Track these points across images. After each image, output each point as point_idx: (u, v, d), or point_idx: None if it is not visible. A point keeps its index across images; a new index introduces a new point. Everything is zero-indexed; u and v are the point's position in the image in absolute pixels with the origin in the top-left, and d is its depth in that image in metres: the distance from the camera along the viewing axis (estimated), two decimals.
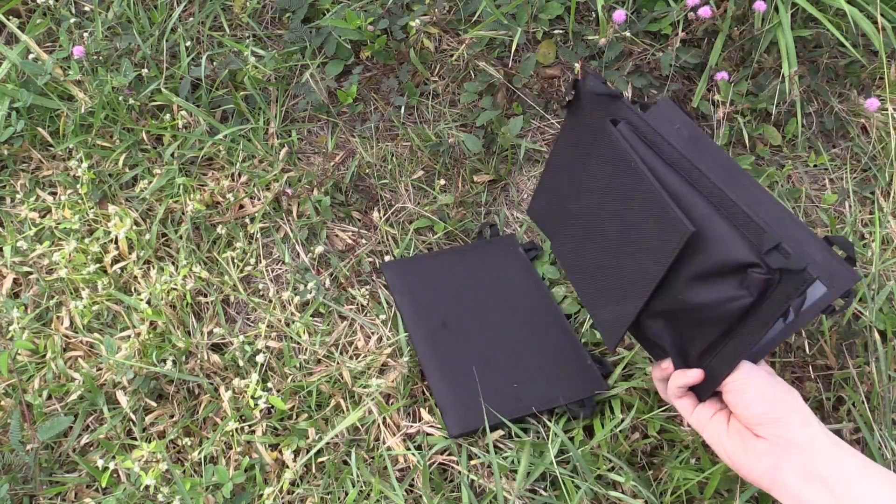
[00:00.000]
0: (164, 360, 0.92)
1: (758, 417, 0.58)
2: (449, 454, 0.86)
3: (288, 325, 0.97)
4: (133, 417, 0.91)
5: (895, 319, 0.93)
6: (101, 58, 1.13)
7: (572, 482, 0.81)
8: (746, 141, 1.09)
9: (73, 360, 0.96)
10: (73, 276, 0.99)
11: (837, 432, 0.86)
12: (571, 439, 0.84)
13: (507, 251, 1.03)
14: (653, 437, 0.85)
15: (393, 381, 0.91)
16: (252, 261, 1.03)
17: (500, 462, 0.83)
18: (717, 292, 0.57)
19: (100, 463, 0.86)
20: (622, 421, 0.85)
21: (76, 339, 0.97)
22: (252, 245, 1.04)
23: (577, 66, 1.12)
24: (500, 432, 0.87)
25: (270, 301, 0.99)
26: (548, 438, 0.84)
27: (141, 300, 0.97)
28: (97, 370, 0.94)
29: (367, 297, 0.99)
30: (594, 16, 1.14)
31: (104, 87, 1.09)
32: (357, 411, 0.87)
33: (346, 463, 0.87)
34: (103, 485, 0.86)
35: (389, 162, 1.10)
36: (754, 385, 0.59)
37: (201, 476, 0.85)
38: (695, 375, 0.63)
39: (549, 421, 0.86)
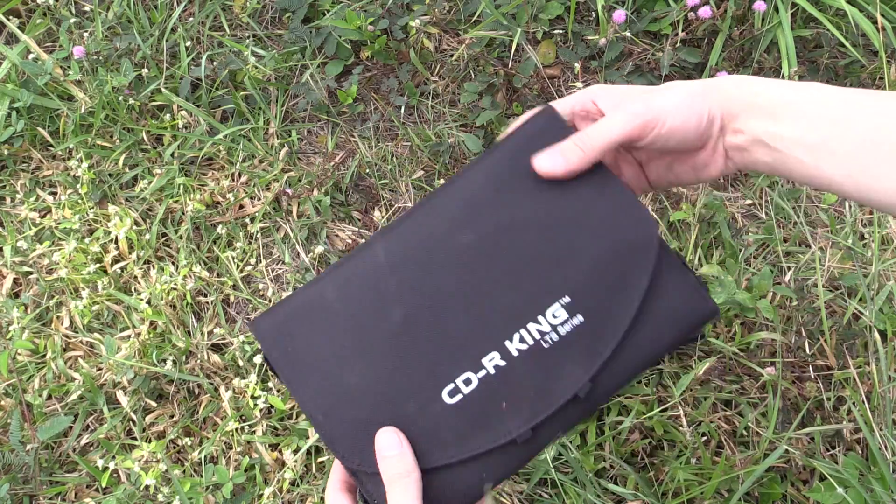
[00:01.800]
0: (164, 360, 0.92)
1: (697, 136, 0.48)
2: None
3: None
4: (133, 417, 0.91)
5: (895, 319, 0.93)
6: (101, 58, 1.13)
7: (573, 485, 0.81)
8: None
9: (73, 360, 0.96)
10: (73, 276, 0.99)
11: (838, 432, 0.86)
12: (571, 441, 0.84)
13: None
14: (651, 437, 0.85)
15: None
16: (252, 261, 1.03)
17: None
18: None
19: (100, 463, 0.86)
20: (621, 422, 0.85)
21: (76, 339, 0.96)
22: (252, 245, 1.04)
23: (577, 66, 1.12)
24: None
25: (270, 301, 0.99)
26: None
27: (141, 300, 0.97)
28: (97, 370, 0.94)
29: None
30: (594, 16, 1.14)
31: (104, 87, 1.09)
32: None
33: None
34: (103, 485, 0.86)
35: (389, 162, 1.10)
36: (669, 115, 0.47)
37: (201, 476, 0.85)
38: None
39: None
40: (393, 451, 0.43)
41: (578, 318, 0.45)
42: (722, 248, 1.01)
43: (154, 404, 0.92)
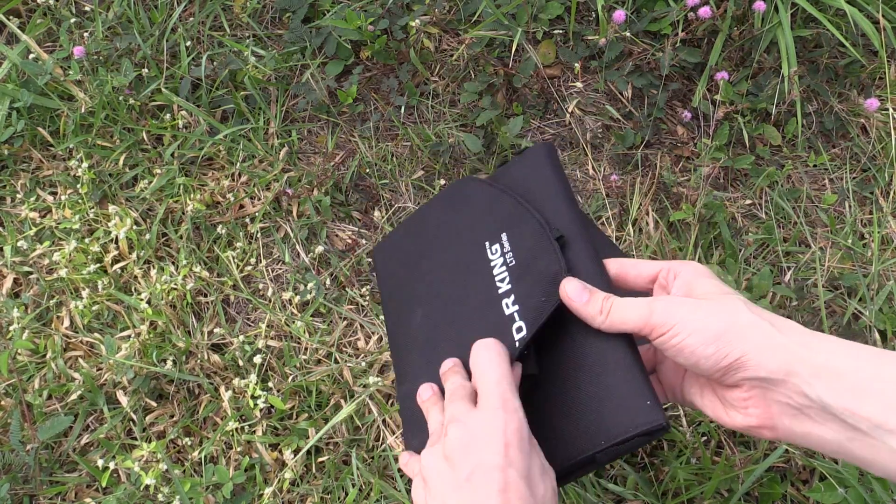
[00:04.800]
0: (165, 360, 0.92)
1: (714, 369, 0.43)
2: None
3: (288, 324, 0.97)
4: (133, 417, 0.91)
5: (895, 319, 0.93)
6: (101, 58, 1.13)
7: (573, 485, 0.81)
8: (746, 141, 1.09)
9: (74, 359, 0.96)
10: (74, 276, 0.99)
11: None
12: None
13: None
14: None
15: (393, 381, 0.91)
16: (252, 261, 1.03)
17: None
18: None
19: (100, 463, 0.86)
20: None
21: (76, 338, 0.97)
22: (252, 245, 1.04)
23: (577, 66, 1.12)
24: None
25: (270, 301, 0.99)
26: None
27: (141, 300, 0.97)
28: (97, 370, 0.94)
29: (368, 296, 0.99)
30: (594, 16, 1.14)
31: (104, 87, 1.09)
32: (351, 404, 0.87)
33: (346, 463, 0.87)
34: (103, 484, 0.86)
35: (389, 162, 1.10)
36: (686, 330, 0.43)
37: (201, 476, 0.85)
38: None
39: None
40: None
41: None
42: (722, 248, 1.01)
43: (154, 404, 0.92)
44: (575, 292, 0.48)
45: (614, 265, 0.52)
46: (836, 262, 1.01)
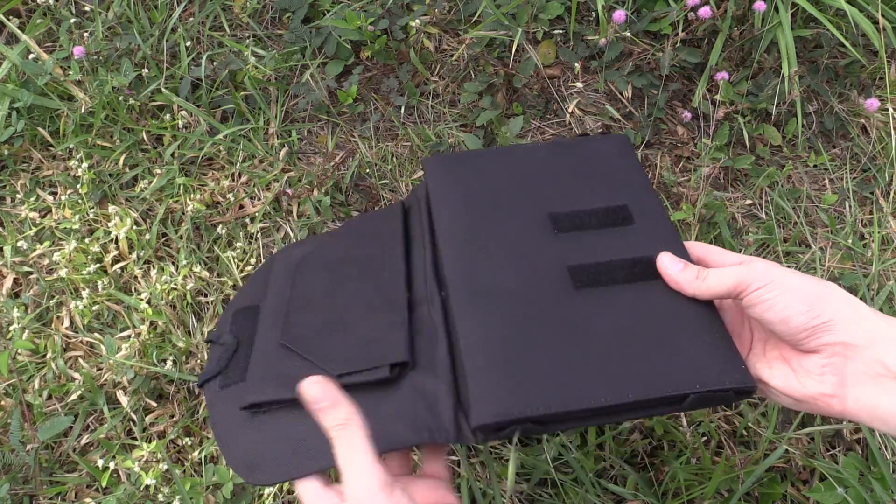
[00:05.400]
0: (165, 360, 0.92)
1: (803, 327, 0.45)
2: (449, 454, 0.86)
3: None
4: (133, 417, 0.91)
5: None
6: (101, 58, 1.13)
7: (573, 485, 0.81)
8: (746, 141, 1.09)
9: (74, 360, 0.96)
10: (74, 276, 0.99)
11: (838, 433, 0.86)
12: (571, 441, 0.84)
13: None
14: (651, 438, 0.85)
15: None
16: (252, 261, 1.03)
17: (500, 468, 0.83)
18: None
19: (100, 463, 0.86)
20: (621, 423, 0.85)
21: (76, 339, 0.97)
22: (252, 245, 1.04)
23: (577, 66, 1.12)
24: None
25: None
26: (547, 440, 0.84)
27: (141, 300, 0.97)
28: (97, 370, 0.94)
29: None
30: (594, 16, 1.14)
31: (104, 87, 1.09)
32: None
33: None
34: (103, 485, 0.86)
35: (390, 162, 1.10)
36: (783, 287, 0.46)
37: (201, 476, 0.85)
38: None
39: None
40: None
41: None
42: (722, 248, 1.01)
43: (154, 404, 0.92)
44: (671, 261, 0.53)
45: (698, 249, 0.57)
46: (836, 262, 1.01)
